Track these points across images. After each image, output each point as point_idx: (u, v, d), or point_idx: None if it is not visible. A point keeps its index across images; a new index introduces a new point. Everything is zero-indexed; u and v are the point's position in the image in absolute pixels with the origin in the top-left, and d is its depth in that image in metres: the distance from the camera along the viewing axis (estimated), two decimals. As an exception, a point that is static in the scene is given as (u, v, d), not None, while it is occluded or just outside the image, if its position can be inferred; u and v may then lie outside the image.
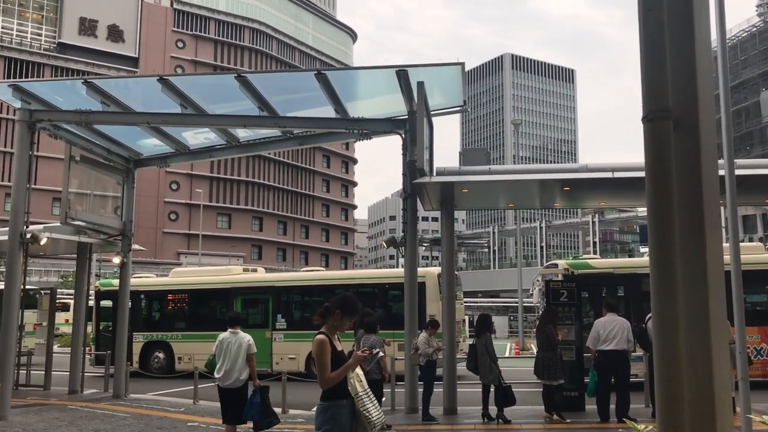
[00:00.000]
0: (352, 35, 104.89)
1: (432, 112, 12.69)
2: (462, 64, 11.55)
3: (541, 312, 14.70)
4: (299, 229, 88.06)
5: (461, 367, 14.05)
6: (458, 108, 13.70)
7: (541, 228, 72.45)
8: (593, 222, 67.16)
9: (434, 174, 11.80)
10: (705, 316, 3.31)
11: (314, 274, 21.48)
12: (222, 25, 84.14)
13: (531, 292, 24.65)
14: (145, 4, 79.05)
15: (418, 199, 12.46)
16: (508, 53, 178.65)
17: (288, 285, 20.37)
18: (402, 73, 11.33)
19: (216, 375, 8.80)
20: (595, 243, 66.50)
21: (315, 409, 4.92)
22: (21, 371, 16.05)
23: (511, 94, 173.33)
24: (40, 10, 75.63)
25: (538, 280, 19.00)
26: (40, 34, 74.94)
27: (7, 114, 66.44)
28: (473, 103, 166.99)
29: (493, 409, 11.00)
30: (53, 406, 13.18)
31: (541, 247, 72.10)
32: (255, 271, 22.39)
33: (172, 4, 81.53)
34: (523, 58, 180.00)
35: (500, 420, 10.83)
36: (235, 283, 20.48)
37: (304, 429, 10.45)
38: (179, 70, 75.69)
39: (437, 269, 18.06)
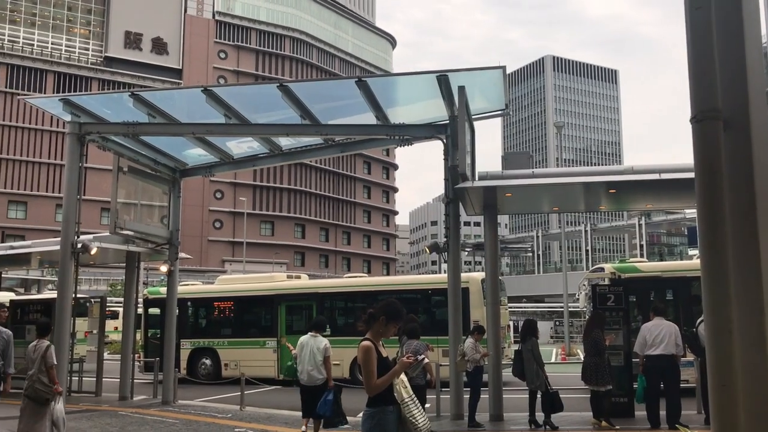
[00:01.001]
0: (392, 41, 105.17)
1: (473, 117, 12.63)
2: (503, 68, 11.48)
3: (587, 317, 14.47)
4: (341, 235, 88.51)
5: (507, 373, 13.93)
6: (500, 112, 13.61)
7: (586, 231, 71.38)
8: (640, 225, 65.93)
9: (476, 178, 11.73)
10: (760, 320, 3.22)
11: (357, 280, 21.54)
12: (263, 35, 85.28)
13: (577, 296, 24.31)
14: (188, 17, 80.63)
15: (460, 204, 12.41)
16: (549, 55, 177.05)
17: (331, 291, 20.50)
18: (443, 79, 11.31)
19: (298, 374, 9.99)
20: (641, 246, 65.23)
21: (361, 415, 4.93)
22: (73, 378, 16.43)
23: (553, 96, 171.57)
24: (87, 26, 77.79)
25: (584, 285, 18.72)
26: (87, 49, 77.05)
27: (57, 127, 68.36)
28: (514, 106, 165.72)
29: (540, 416, 10.86)
30: (105, 412, 13.47)
31: (587, 251, 71.05)
32: (299, 277, 22.57)
33: (214, 16, 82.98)
34: (565, 59, 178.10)
35: (547, 426, 10.68)
36: (280, 290, 20.66)
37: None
38: (222, 81, 76.96)
39: (481, 274, 17.97)
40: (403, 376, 4.89)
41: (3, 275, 32.76)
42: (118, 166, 13.88)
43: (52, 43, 75.31)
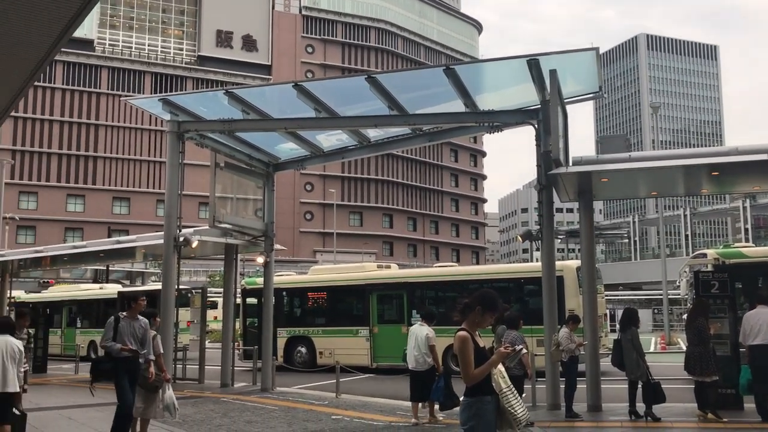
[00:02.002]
0: (478, 27, 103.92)
1: (565, 100, 12.32)
2: (596, 49, 11.14)
3: (690, 305, 13.89)
4: (429, 224, 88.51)
5: (605, 363, 13.59)
6: (593, 94, 13.24)
7: (685, 216, 68.40)
8: (744, 207, 62.55)
9: (570, 164, 11.43)
10: None
11: (448, 269, 21.48)
12: (349, 27, 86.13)
13: (677, 283, 23.36)
14: (275, 13, 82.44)
15: (553, 191, 12.15)
16: (643, 33, 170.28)
17: (422, 281, 20.52)
18: (533, 63, 11.08)
19: (407, 360, 10.87)
20: (746, 230, 61.91)
21: (459, 405, 4.93)
22: (177, 365, 17.19)
23: (648, 76, 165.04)
24: (180, 26, 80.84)
25: (685, 271, 17.98)
26: (181, 49, 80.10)
27: (155, 125, 71.51)
28: (607, 88, 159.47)
29: (641, 406, 10.53)
30: (208, 398, 14.03)
31: (686, 236, 68.07)
32: (388, 267, 22.73)
33: (300, 11, 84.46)
34: (660, 37, 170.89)
35: (649, 418, 10.34)
36: (371, 280, 20.88)
37: (446, 424, 10.49)
38: (309, 75, 78.29)
39: (576, 262, 17.54)
40: (500, 367, 4.85)
41: (110, 268, 34.76)
42: (215, 162, 14.39)
43: (148, 45, 78.71)
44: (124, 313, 8.87)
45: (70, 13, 5.44)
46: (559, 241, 64.45)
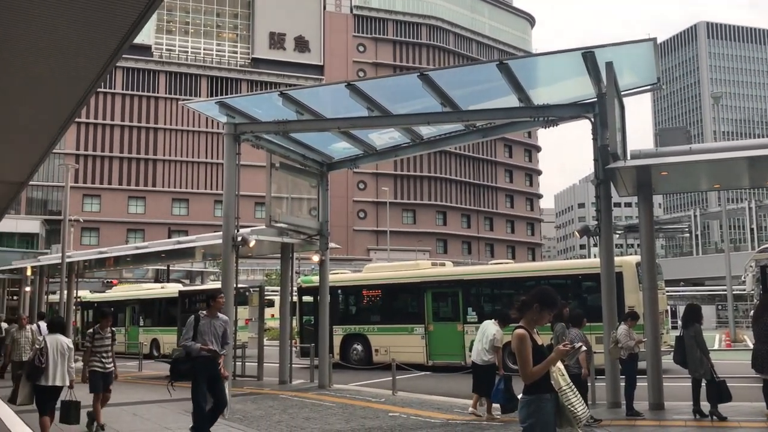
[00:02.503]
0: (530, 20, 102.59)
1: (623, 93, 12.07)
2: (654, 40, 10.86)
3: (756, 300, 13.43)
4: (483, 221, 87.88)
5: (667, 360, 13.26)
6: (651, 86, 12.91)
7: (750, 208, 66.13)
8: (813, 199, 60.08)
9: (628, 157, 11.19)
10: None
11: (504, 266, 21.30)
12: (400, 25, 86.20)
13: (743, 278, 22.66)
14: (327, 13, 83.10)
15: (611, 185, 11.91)
16: (703, 21, 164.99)
17: (478, 278, 20.38)
18: (589, 55, 10.88)
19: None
20: (816, 223, 59.44)
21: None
22: (237, 363, 17.50)
23: (708, 65, 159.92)
24: (234, 30, 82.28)
25: (751, 266, 17.39)
26: (235, 52, 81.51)
27: (211, 128, 72.94)
28: (665, 79, 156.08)
29: (705, 405, 10.25)
30: (267, 395, 14.25)
31: (752, 230, 65.80)
32: (443, 265, 22.67)
33: (352, 11, 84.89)
34: (720, 24, 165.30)
35: (714, 417, 10.05)
36: (426, 278, 20.86)
37: (503, 422, 10.41)
38: (361, 74, 78.62)
39: (635, 258, 17.19)
40: (560, 364, 4.79)
41: (171, 268, 35.63)
42: (271, 163, 14.60)
43: (204, 49, 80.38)
44: (204, 312, 8.83)
45: (129, 21, 5.59)
46: (618, 236, 63.08)
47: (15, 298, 36.98)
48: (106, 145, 73.40)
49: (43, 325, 20.58)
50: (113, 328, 10.36)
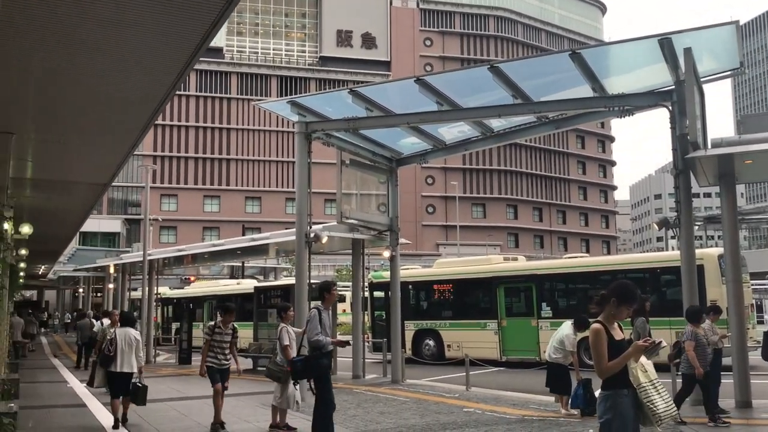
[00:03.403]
0: (601, 8, 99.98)
1: (702, 79, 11.61)
2: (736, 23, 10.42)
3: None
4: (556, 214, 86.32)
5: (754, 357, 12.74)
6: (732, 71, 12.37)
7: (840, 197, 62.59)
8: None
9: (709, 146, 10.77)
10: None
11: (579, 260, 20.85)
12: (467, 17, 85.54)
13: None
14: (393, 9, 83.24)
15: (691, 175, 11.49)
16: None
17: (552, 273, 20.03)
18: (665, 42, 10.52)
19: None
20: None
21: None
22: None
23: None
24: (302, 29, 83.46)
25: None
26: (304, 51, 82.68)
27: (281, 127, 74.20)
28: (747, 63, 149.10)
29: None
30: (341, 389, 14.39)
31: (843, 219, 62.27)
32: (515, 259, 22.39)
33: (418, 5, 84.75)
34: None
35: (807, 417, 9.60)
36: (498, 272, 20.65)
37: (581, 418, 10.21)
38: (428, 68, 78.39)
39: (717, 250, 16.57)
40: (644, 360, 4.68)
41: (245, 264, 36.48)
42: (341, 160, 14.74)
43: (273, 49, 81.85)
44: (321, 305, 8.48)
45: (205, 26, 5.76)
46: (697, 227, 60.87)
47: (99, 294, 38.66)
48: (181, 146, 75.75)
49: (106, 321, 21.66)
50: (235, 324, 10.08)
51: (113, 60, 6.47)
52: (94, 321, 21.78)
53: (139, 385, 10.37)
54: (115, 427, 10.03)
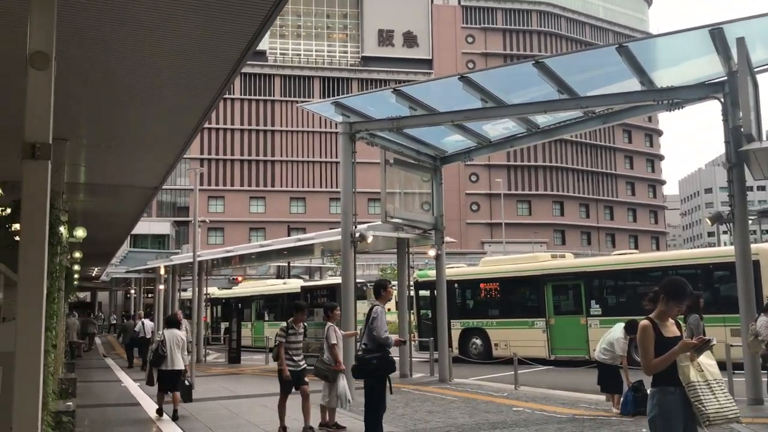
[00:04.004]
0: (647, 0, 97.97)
1: (756, 70, 11.29)
2: (790, 10, 10.08)
3: None
4: (603, 210, 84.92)
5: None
6: (788, 60, 12.00)
7: None
8: None
9: (764, 138, 10.48)
10: None
11: (628, 257, 20.46)
12: (509, 13, 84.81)
13: None
14: (434, 7, 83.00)
15: (745, 168, 11.18)
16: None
17: (601, 270, 19.68)
18: (717, 32, 10.27)
19: None
20: None
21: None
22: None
23: None
24: (344, 30, 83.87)
25: None
26: (346, 52, 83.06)
27: (324, 128, 74.68)
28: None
29: None
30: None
31: None
32: (563, 257, 22.10)
33: (459, 2, 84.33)
34: None
35: None
36: (546, 270, 20.42)
37: (633, 417, 10.03)
38: (470, 65, 77.95)
39: (774, 245, 16.12)
40: (703, 358, 4.57)
41: (291, 264, 36.85)
42: (385, 159, 14.77)
43: (315, 51, 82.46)
44: (379, 303, 8.28)
45: (251, 31, 5.83)
46: (751, 221, 59.22)
47: (150, 295, 39.51)
48: (227, 149, 76.89)
49: (147, 322, 22.36)
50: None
51: (163, 67, 6.61)
52: (146, 322, 22.35)
53: (187, 383, 11.35)
54: (159, 413, 11.11)
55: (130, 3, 5.26)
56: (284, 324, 9.65)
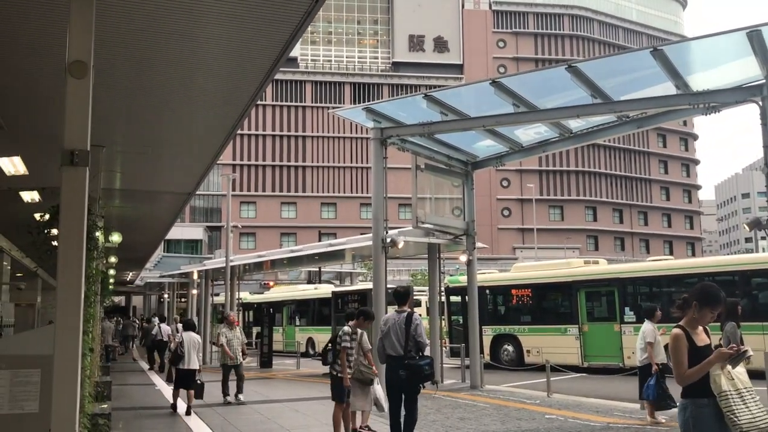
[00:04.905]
0: (682, 2, 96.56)
1: (795, 72, 11.04)
2: (831, 11, 9.84)
3: None
4: (637, 216, 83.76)
5: None
6: (828, 62, 11.71)
7: None
8: None
9: (804, 142, 10.24)
10: None
11: (663, 263, 20.13)
12: (540, 17, 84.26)
13: None
14: (465, 12, 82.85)
15: (784, 173, 10.93)
16: None
17: (635, 276, 19.40)
18: (755, 34, 10.06)
19: None
20: None
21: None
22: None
23: None
24: (374, 35, 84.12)
25: None
26: (376, 57, 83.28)
27: (354, 133, 74.95)
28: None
29: None
30: (421, 394, 14.37)
31: None
32: (596, 263, 21.83)
33: (490, 6, 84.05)
34: None
35: None
36: (579, 276, 20.19)
37: (669, 427, 9.86)
38: (501, 70, 77.62)
39: (814, 251, 15.71)
40: (739, 368, 4.44)
41: (322, 269, 36.97)
42: (416, 165, 14.75)
43: (346, 57, 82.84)
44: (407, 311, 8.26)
45: (284, 39, 5.89)
46: (790, 228, 57.87)
47: (183, 299, 39.98)
48: (259, 155, 77.57)
49: (164, 326, 23.13)
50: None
51: (197, 75, 6.70)
52: (163, 326, 22.92)
53: (200, 382, 12.29)
54: (174, 408, 12.31)
55: (166, 12, 5.35)
56: (347, 328, 9.17)
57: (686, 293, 4.69)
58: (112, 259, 17.12)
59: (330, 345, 9.46)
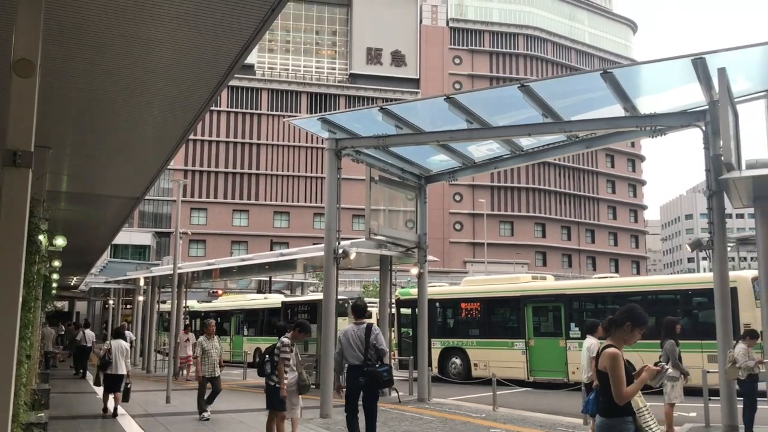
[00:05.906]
0: (632, 26, 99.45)
1: (736, 100, 11.46)
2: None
3: None
4: (584, 233, 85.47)
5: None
6: (767, 91, 12.20)
7: None
8: None
9: (743, 167, 10.62)
10: None
11: (609, 281, 20.60)
12: (496, 36, 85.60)
13: None
14: (423, 27, 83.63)
15: (725, 196, 11.31)
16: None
17: (581, 292, 19.80)
18: (699, 62, 10.41)
19: None
20: None
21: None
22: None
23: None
24: (332, 47, 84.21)
25: None
26: (334, 68, 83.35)
27: (309, 143, 74.74)
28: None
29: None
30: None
31: None
32: (544, 278, 22.20)
33: (448, 23, 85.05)
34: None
35: None
36: (526, 291, 20.49)
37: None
38: (457, 86, 78.52)
39: (751, 272, 16.27)
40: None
41: (273, 279, 36.66)
42: (370, 176, 14.79)
43: (304, 66, 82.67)
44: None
45: (239, 45, 5.86)
46: (729, 248, 59.74)
47: (129, 306, 39.09)
48: (212, 161, 76.57)
49: (88, 332, 23.62)
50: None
51: (149, 79, 6.61)
52: (87, 331, 22.92)
53: (128, 385, 13.16)
54: (104, 411, 13.00)
55: (118, 14, 5.26)
56: (285, 340, 9.23)
57: (611, 314, 4.84)
58: (56, 263, 16.67)
59: (267, 356, 9.44)
